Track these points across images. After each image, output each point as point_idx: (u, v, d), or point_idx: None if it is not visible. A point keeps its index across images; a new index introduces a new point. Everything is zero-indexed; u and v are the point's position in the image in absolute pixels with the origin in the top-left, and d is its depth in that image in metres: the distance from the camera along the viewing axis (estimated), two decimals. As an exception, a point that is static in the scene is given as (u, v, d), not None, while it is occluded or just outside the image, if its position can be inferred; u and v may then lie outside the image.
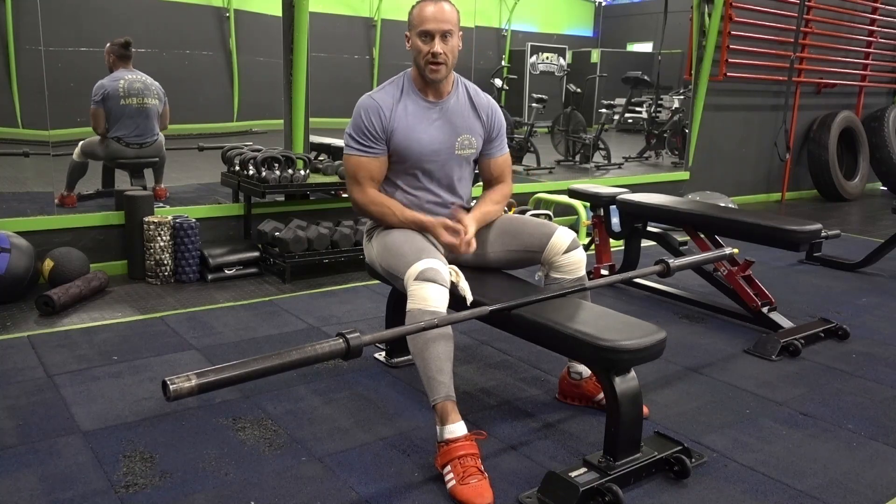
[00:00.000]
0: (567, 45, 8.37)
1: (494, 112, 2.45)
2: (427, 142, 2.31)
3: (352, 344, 1.70)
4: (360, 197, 2.34)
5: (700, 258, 2.75)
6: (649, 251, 4.24)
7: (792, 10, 6.62)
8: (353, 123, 2.31)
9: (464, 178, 2.47)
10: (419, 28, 2.23)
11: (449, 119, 2.35)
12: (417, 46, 2.25)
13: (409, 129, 2.29)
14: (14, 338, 2.98)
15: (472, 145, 2.40)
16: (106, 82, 4.23)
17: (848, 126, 7.31)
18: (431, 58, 2.23)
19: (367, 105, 2.30)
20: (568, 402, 2.50)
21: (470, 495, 1.86)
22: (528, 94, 7.70)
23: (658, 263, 2.45)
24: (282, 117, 4.41)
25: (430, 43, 2.22)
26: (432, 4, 2.23)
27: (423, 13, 2.23)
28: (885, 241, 4.36)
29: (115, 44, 4.27)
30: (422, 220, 2.29)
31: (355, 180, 2.33)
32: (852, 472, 2.10)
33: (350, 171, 2.34)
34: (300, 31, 4.16)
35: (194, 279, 3.86)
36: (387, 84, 2.37)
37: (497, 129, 2.46)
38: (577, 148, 7.37)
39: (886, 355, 3.04)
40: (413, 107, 2.31)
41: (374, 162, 2.31)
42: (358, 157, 2.31)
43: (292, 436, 2.23)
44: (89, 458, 2.06)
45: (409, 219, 2.30)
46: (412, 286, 2.06)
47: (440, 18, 2.22)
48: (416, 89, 2.33)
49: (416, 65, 2.30)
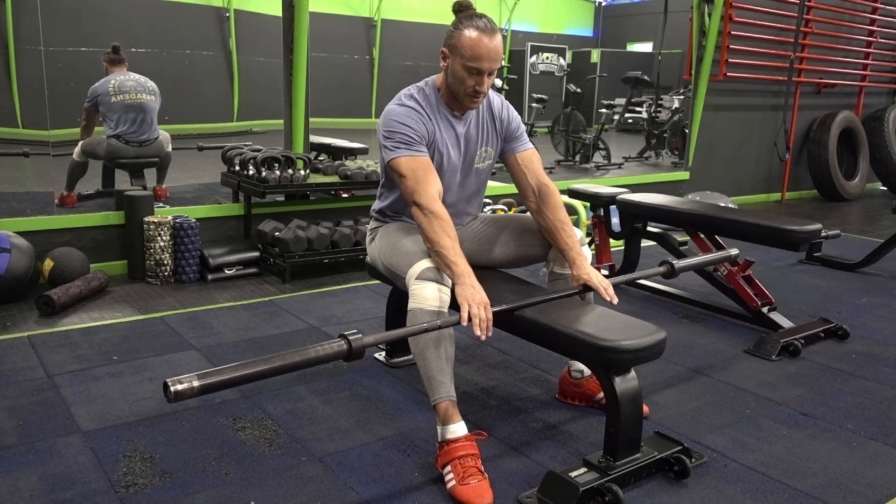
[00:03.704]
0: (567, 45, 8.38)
1: (509, 112, 2.39)
2: (453, 156, 2.28)
3: (353, 345, 1.70)
4: (425, 201, 2.06)
5: (705, 259, 2.75)
6: (649, 251, 4.24)
7: (792, 10, 6.62)
8: (392, 130, 2.16)
9: (480, 190, 2.46)
10: (471, 63, 2.09)
11: (471, 132, 2.31)
12: (461, 77, 2.12)
13: (440, 141, 2.24)
14: (14, 338, 2.98)
15: (490, 156, 2.38)
16: (97, 84, 4.29)
17: (848, 126, 7.31)
18: (475, 93, 2.16)
19: (405, 111, 2.18)
20: (568, 401, 2.49)
21: (470, 495, 1.86)
22: (528, 94, 7.70)
23: (662, 265, 2.45)
24: (282, 117, 4.40)
25: (479, 78, 2.12)
26: (488, 38, 2.08)
27: (478, 49, 2.07)
28: (885, 241, 4.36)
29: (106, 51, 4.36)
30: (454, 276, 2.01)
31: (416, 180, 2.09)
32: (852, 472, 2.10)
33: (406, 171, 2.11)
34: (300, 31, 4.16)
35: (194, 279, 3.86)
36: (413, 93, 2.25)
37: (515, 127, 2.39)
38: (577, 148, 7.37)
39: (886, 355, 3.04)
40: (443, 121, 2.26)
41: (428, 159, 2.17)
42: (412, 157, 2.13)
43: (292, 436, 2.23)
44: (89, 458, 2.06)
45: (448, 258, 2.02)
46: (414, 285, 2.06)
47: (494, 57, 2.09)
48: (444, 103, 2.26)
49: (453, 89, 2.18)
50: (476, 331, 1.92)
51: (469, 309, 1.92)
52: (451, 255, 2.01)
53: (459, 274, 1.99)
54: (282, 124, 4.42)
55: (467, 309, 1.93)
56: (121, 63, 4.37)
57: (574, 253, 2.25)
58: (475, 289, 1.97)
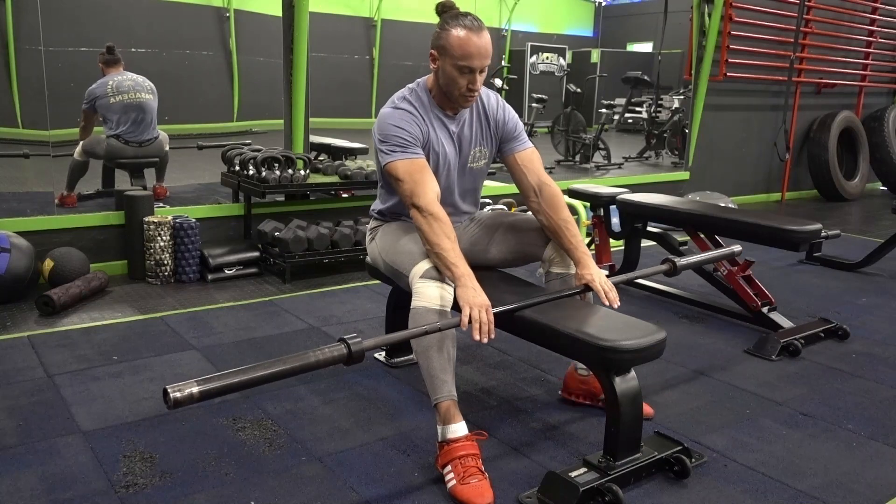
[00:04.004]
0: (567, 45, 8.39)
1: (506, 112, 2.37)
2: (448, 155, 2.28)
3: (353, 350, 1.70)
4: (424, 203, 2.05)
5: (707, 256, 2.75)
6: (649, 251, 4.24)
7: (792, 10, 6.62)
8: (388, 133, 2.15)
9: (477, 189, 2.47)
10: (461, 62, 2.09)
11: (464, 132, 2.31)
12: (453, 77, 2.12)
13: (435, 141, 2.24)
14: (14, 338, 2.98)
15: (485, 156, 2.38)
16: (95, 86, 4.30)
17: (848, 126, 7.31)
18: (468, 92, 2.16)
19: (400, 114, 2.18)
20: (572, 398, 2.48)
21: (470, 495, 1.86)
22: (528, 94, 7.71)
23: (665, 262, 2.45)
24: (282, 117, 4.41)
25: (471, 77, 2.12)
26: (476, 36, 2.08)
27: (468, 48, 2.08)
28: (885, 241, 4.36)
29: (101, 52, 4.37)
30: (454, 278, 2.00)
31: (414, 182, 2.09)
32: (852, 472, 2.10)
33: (403, 174, 2.11)
34: (300, 31, 4.16)
35: (194, 279, 3.86)
36: (406, 95, 2.25)
37: (512, 127, 2.37)
38: (577, 148, 7.37)
39: (886, 355, 3.04)
40: (436, 121, 2.25)
41: (424, 161, 2.17)
42: (409, 159, 2.12)
43: (292, 436, 2.23)
44: (89, 458, 2.06)
45: (448, 260, 2.01)
46: (417, 284, 2.06)
47: (484, 54, 2.10)
48: (436, 104, 2.26)
49: (446, 90, 2.18)
50: (476, 335, 1.91)
51: (470, 312, 1.92)
52: (451, 257, 2.01)
53: (460, 276, 1.99)
54: (282, 124, 4.42)
55: (468, 312, 1.92)
56: (116, 63, 4.36)
57: (580, 253, 2.25)
58: (476, 291, 1.97)
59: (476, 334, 1.91)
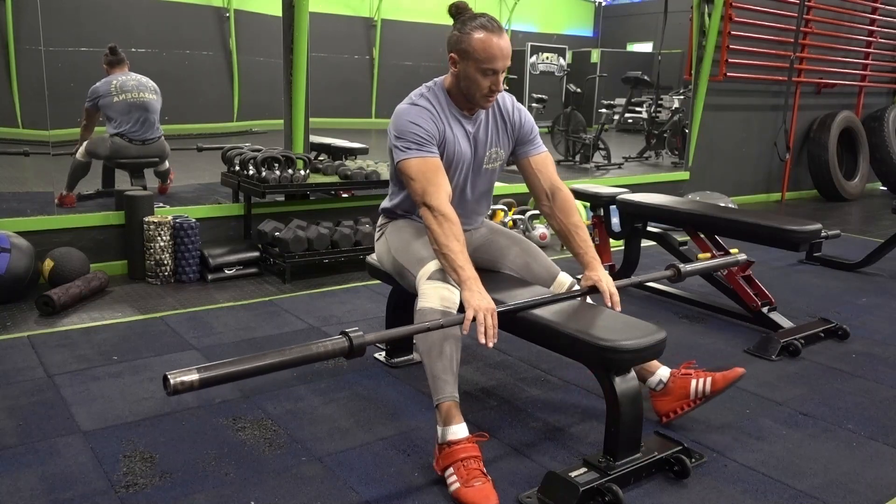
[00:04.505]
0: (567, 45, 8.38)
1: (521, 114, 2.37)
2: (464, 155, 2.27)
3: (355, 342, 1.70)
4: (436, 203, 2.05)
5: (712, 264, 2.74)
6: (649, 251, 4.24)
7: (792, 10, 6.62)
8: (404, 130, 2.15)
9: (490, 190, 2.47)
10: (486, 65, 2.10)
11: (480, 133, 2.30)
12: (475, 79, 2.13)
13: (451, 141, 2.23)
14: (14, 338, 2.98)
15: (500, 157, 2.38)
16: (99, 84, 4.30)
17: (848, 126, 7.31)
18: (490, 93, 2.16)
19: (417, 111, 2.18)
20: (672, 416, 2.33)
21: (475, 498, 1.85)
22: (528, 94, 7.70)
23: (669, 268, 2.45)
24: (282, 117, 4.41)
25: (494, 78, 2.12)
26: (497, 37, 2.10)
27: (491, 50, 2.09)
28: (885, 241, 4.36)
29: (104, 53, 4.37)
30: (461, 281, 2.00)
31: (426, 181, 2.09)
32: (852, 472, 2.10)
33: (416, 173, 2.11)
34: (300, 31, 4.16)
35: (194, 279, 3.86)
36: (424, 93, 2.25)
37: (528, 129, 2.37)
38: (577, 148, 7.38)
39: (886, 355, 3.04)
40: (453, 120, 2.25)
41: (438, 160, 2.16)
42: (422, 158, 2.12)
43: (292, 436, 2.23)
44: (89, 458, 2.06)
45: (456, 262, 2.01)
46: (424, 285, 2.07)
47: (507, 54, 2.11)
48: (454, 104, 2.25)
49: (468, 92, 2.18)
50: (481, 338, 1.92)
51: (475, 315, 1.92)
52: (458, 260, 2.01)
53: (465, 279, 1.99)
54: (282, 124, 4.42)
55: (472, 315, 1.93)
56: (121, 63, 4.37)
57: (589, 257, 2.28)
58: (482, 295, 1.97)
59: (481, 338, 1.92)
